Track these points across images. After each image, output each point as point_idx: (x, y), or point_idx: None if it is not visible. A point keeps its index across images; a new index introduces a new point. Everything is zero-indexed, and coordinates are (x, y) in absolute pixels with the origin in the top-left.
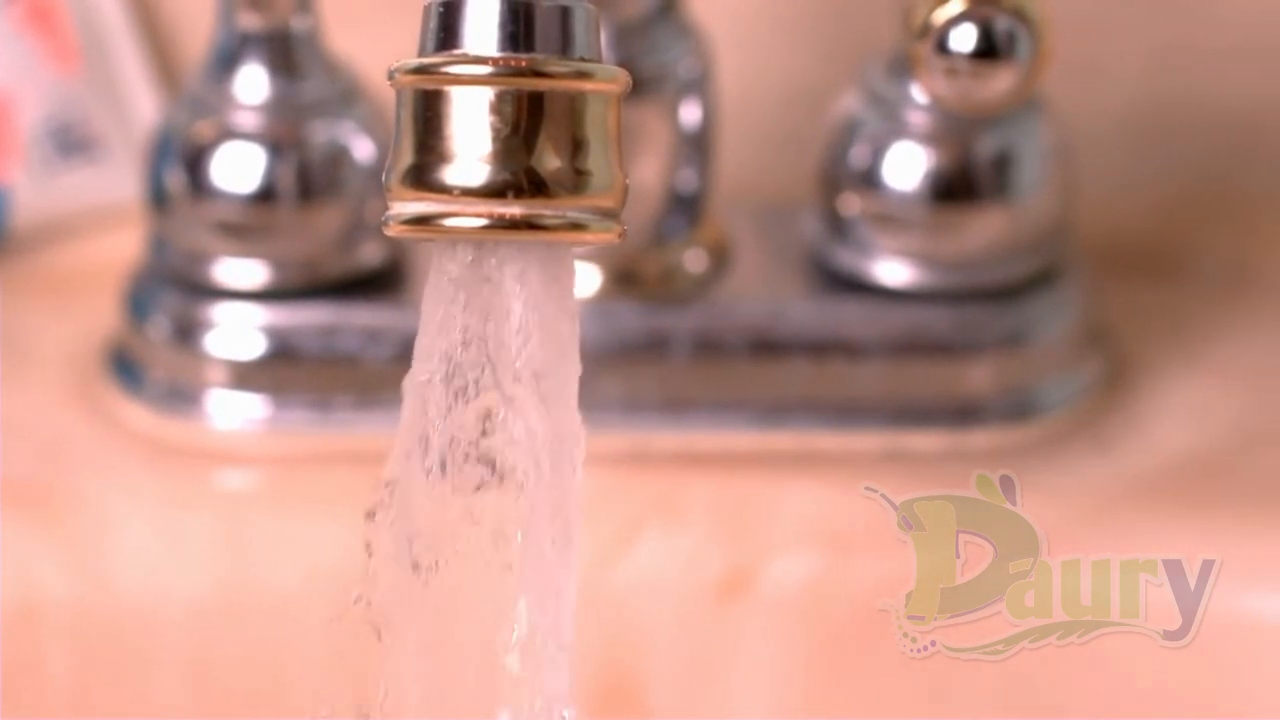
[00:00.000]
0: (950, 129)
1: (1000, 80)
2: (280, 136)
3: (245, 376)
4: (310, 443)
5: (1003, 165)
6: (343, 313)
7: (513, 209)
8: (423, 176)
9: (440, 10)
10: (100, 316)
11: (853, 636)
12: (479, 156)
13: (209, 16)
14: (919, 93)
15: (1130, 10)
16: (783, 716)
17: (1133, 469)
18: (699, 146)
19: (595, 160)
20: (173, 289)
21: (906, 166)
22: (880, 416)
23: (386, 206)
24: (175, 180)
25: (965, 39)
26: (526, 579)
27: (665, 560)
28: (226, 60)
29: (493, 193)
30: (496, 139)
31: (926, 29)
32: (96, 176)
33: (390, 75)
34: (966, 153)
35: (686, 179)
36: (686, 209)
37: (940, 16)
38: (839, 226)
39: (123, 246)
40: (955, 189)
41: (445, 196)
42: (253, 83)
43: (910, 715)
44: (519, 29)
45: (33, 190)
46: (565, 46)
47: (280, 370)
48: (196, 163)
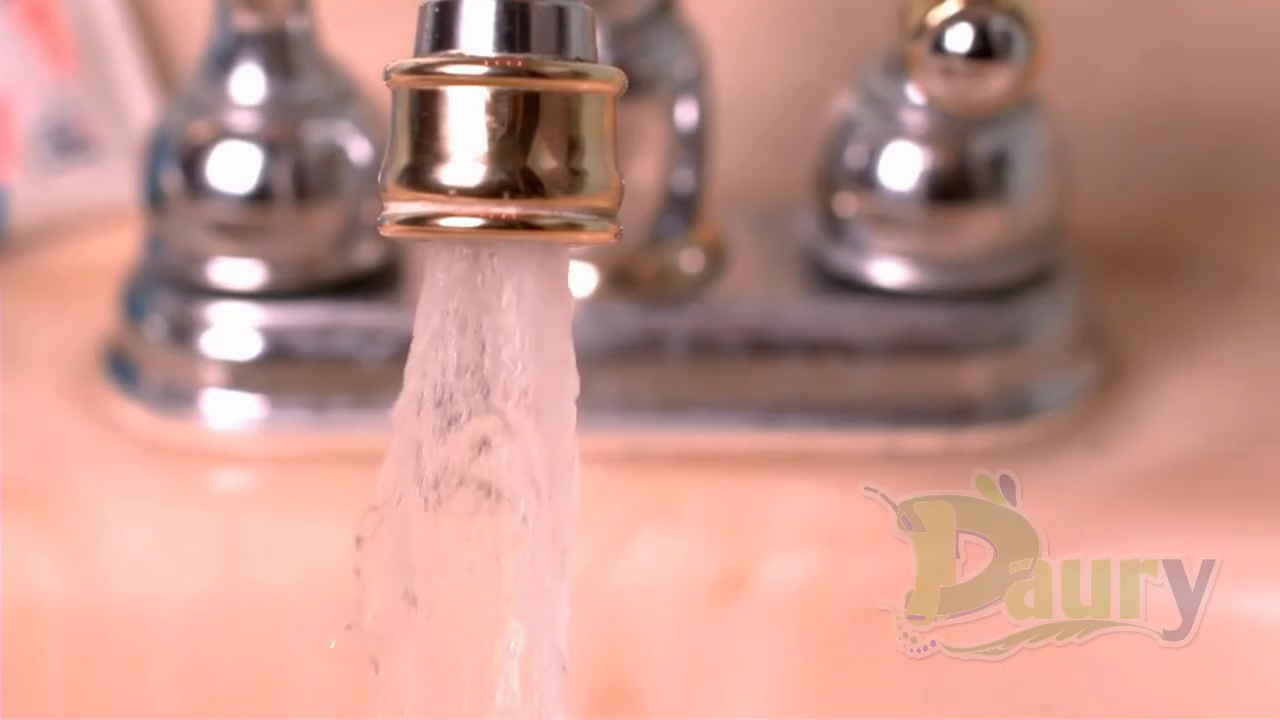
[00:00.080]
0: (946, 129)
1: (996, 80)
2: (276, 137)
3: (241, 377)
4: (306, 443)
5: (999, 165)
6: (339, 313)
7: (508, 209)
8: (419, 177)
9: (436, 10)
10: (96, 316)
11: (849, 637)
12: (475, 157)
13: (205, 16)
14: (915, 93)
15: (1126, 11)
16: (779, 717)
17: (1128, 469)
18: (695, 147)
19: (591, 160)
20: (169, 289)
21: (903, 167)
22: (877, 416)
23: (382, 207)
24: (171, 180)
25: (961, 39)
26: (522, 600)
27: (662, 560)
28: (223, 60)
29: (489, 193)
30: (492, 139)
31: (922, 29)
32: (93, 176)
33: (386, 75)
34: (962, 153)
35: (682, 179)
36: (683, 209)
37: (936, 16)
38: (835, 227)
39: (119, 246)
40: (951, 189)
41: (441, 197)
42: (249, 83)
43: (908, 715)
44: (514, 29)
45: (29, 190)
46: (561, 47)
47: (276, 370)
48: (193, 163)
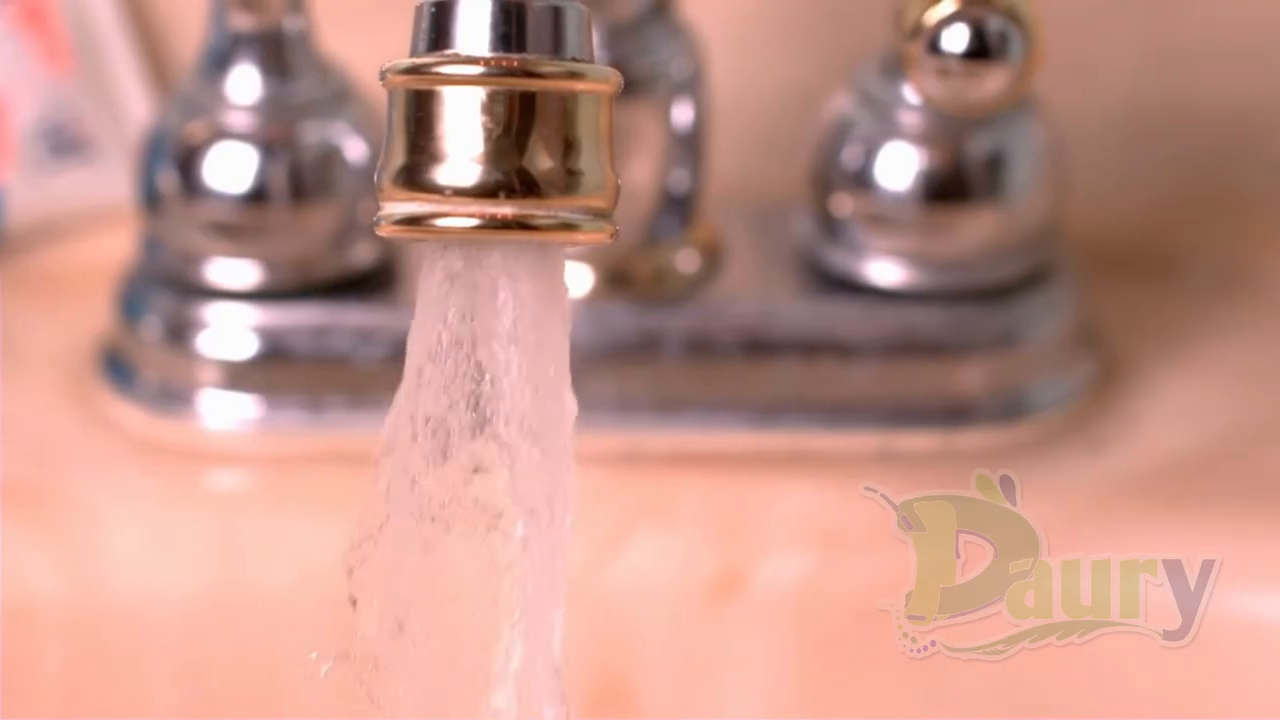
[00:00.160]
0: (942, 129)
1: (992, 80)
2: (272, 137)
3: (237, 377)
4: (302, 443)
5: (995, 166)
6: (335, 313)
7: (504, 209)
8: (414, 177)
9: (432, 10)
10: (92, 317)
11: (845, 637)
12: (471, 157)
13: (201, 17)
14: (911, 93)
15: (1122, 11)
16: (775, 717)
17: (1124, 469)
18: (691, 147)
19: (587, 160)
20: (165, 289)
21: (899, 167)
22: (872, 417)
23: (378, 207)
24: (167, 180)
25: (957, 39)
26: (517, 613)
27: (657, 561)
28: (219, 60)
29: (484, 193)
30: (488, 139)
31: (919, 29)
32: (89, 177)
33: (382, 75)
34: (958, 153)
35: (679, 179)
36: (679, 209)
37: (932, 17)
38: (831, 227)
39: (115, 247)
40: (947, 189)
41: (437, 197)
42: (245, 83)
43: (904, 715)
44: (511, 29)
45: (25, 190)
46: (557, 47)
47: (272, 370)
48: (189, 163)
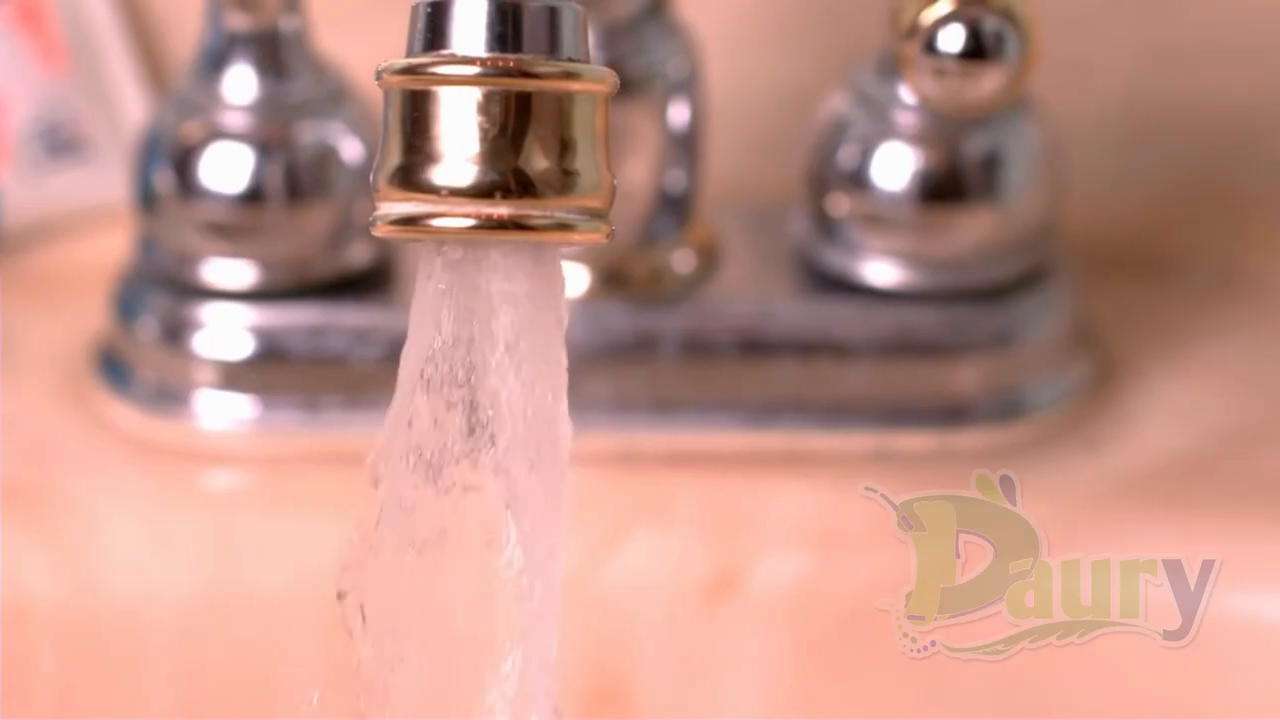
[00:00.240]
0: (938, 129)
1: (988, 80)
2: (268, 137)
3: (233, 377)
4: (298, 443)
5: (991, 165)
6: (331, 313)
7: (500, 209)
8: (410, 177)
9: (428, 10)
10: (89, 317)
11: (841, 637)
12: (467, 157)
13: (197, 17)
14: (907, 93)
15: (1118, 11)
16: (771, 717)
17: (1121, 469)
18: (687, 147)
19: (583, 161)
20: (161, 289)
21: (895, 167)
22: (869, 417)
23: (374, 207)
24: (164, 180)
25: (953, 39)
26: (514, 638)
27: (654, 561)
28: (215, 61)
29: (480, 193)
30: (484, 139)
31: (914, 29)
32: (85, 177)
33: (378, 75)
34: (955, 153)
35: (675, 179)
36: (675, 209)
37: (928, 17)
38: (828, 227)
39: (111, 247)
40: (944, 189)
41: (433, 197)
42: (241, 83)
43: (901, 715)
44: (506, 29)
45: (21, 191)
46: (553, 47)
47: (268, 370)
48: (185, 163)
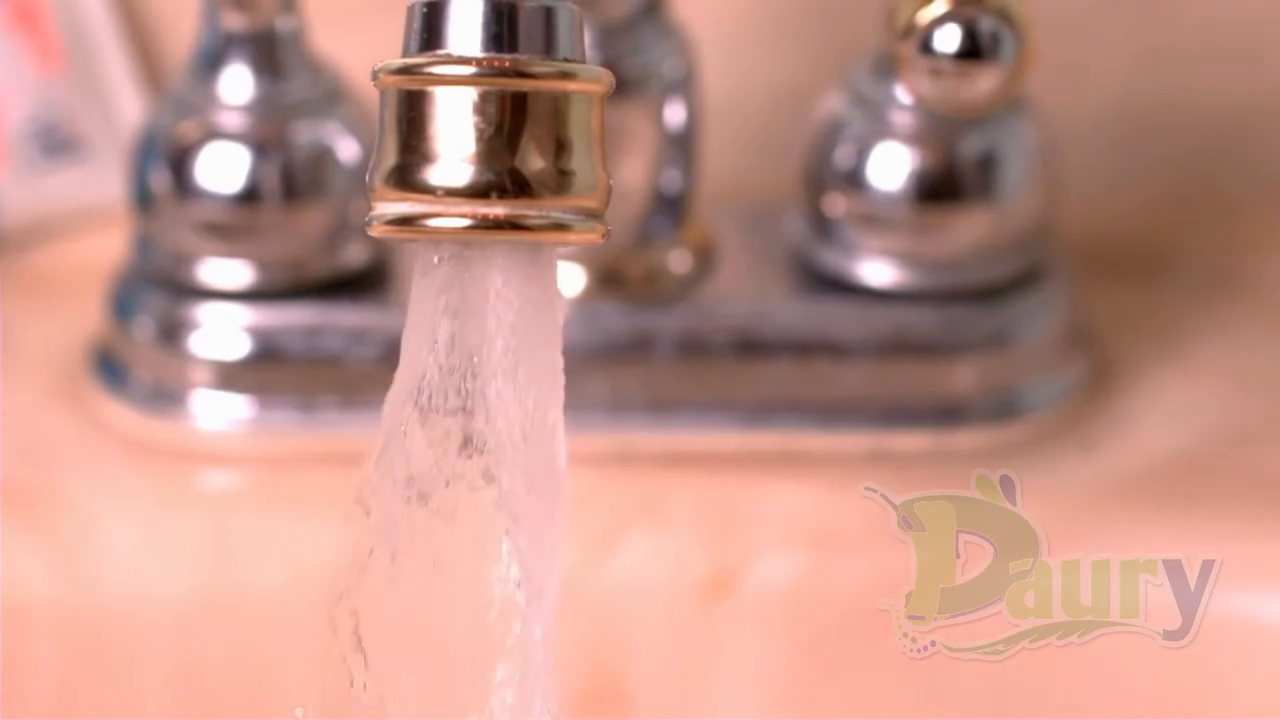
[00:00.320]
0: (935, 129)
1: (984, 81)
2: (265, 137)
3: (230, 377)
4: (295, 443)
5: (987, 166)
6: (327, 313)
7: (496, 209)
8: (406, 177)
9: (424, 11)
10: (85, 317)
11: (838, 636)
12: (462, 157)
13: (193, 17)
14: (903, 93)
15: (1114, 11)
16: (767, 717)
17: (1117, 469)
18: (683, 147)
19: (579, 161)
20: (157, 289)
21: (891, 167)
22: (865, 417)
23: (370, 207)
24: (160, 180)
25: (949, 39)
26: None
27: (650, 561)
28: (211, 60)
29: (476, 193)
30: (480, 139)
31: (911, 29)
32: (81, 177)
33: (374, 75)
34: (951, 153)
35: (671, 179)
36: (671, 209)
37: (924, 17)
38: (824, 227)
39: (107, 247)
40: (940, 189)
41: (429, 197)
42: (237, 83)
43: (900, 715)
44: (502, 29)
45: (17, 190)
46: (549, 47)
47: (265, 371)
48: (181, 163)
